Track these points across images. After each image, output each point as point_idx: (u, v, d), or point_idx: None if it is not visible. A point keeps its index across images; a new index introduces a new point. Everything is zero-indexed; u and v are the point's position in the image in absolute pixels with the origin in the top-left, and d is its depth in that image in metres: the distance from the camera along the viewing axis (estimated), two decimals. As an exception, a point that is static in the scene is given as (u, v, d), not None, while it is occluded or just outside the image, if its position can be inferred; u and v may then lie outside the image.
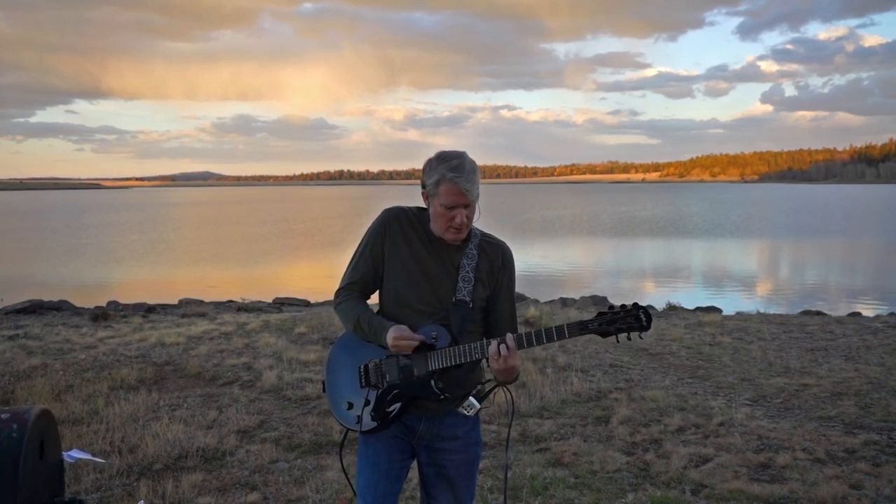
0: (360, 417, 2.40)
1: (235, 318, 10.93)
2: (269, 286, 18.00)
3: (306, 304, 14.19)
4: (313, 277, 20.10)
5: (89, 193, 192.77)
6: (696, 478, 4.29)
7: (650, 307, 12.42)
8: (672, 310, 11.92)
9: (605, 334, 2.24)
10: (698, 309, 12.23)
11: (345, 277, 2.51)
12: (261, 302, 14.16)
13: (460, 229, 2.35)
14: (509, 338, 2.27)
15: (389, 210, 2.46)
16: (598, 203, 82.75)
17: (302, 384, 6.49)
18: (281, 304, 14.05)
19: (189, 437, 4.99)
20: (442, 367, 2.33)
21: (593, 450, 4.80)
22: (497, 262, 2.45)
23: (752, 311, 11.75)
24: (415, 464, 2.54)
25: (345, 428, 2.50)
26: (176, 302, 14.35)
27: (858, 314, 12.05)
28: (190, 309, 12.54)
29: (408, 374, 2.36)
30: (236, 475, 4.48)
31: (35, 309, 12.29)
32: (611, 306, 2.27)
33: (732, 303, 14.57)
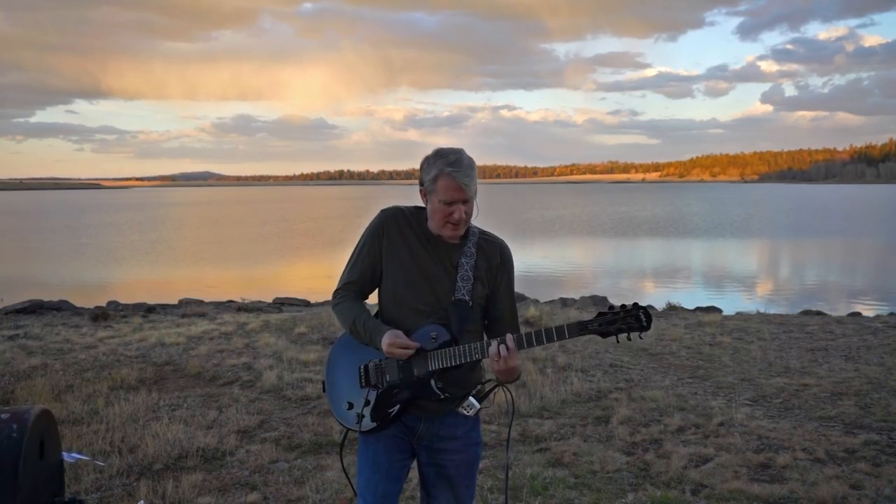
0: (361, 417, 2.39)
1: (235, 318, 10.93)
2: (269, 286, 18.01)
3: (306, 304, 14.19)
4: (313, 277, 20.10)
5: (89, 193, 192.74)
6: (696, 478, 4.29)
7: (650, 307, 12.42)
8: (672, 310, 11.92)
9: (605, 334, 2.24)
10: (698, 309, 12.23)
11: (342, 277, 2.51)
12: (261, 302, 14.16)
13: (458, 225, 2.34)
14: (509, 338, 2.26)
15: (386, 210, 2.46)
16: (598, 203, 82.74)
17: (302, 384, 6.49)
18: (281, 304, 14.05)
19: (189, 437, 4.99)
20: (442, 367, 2.33)
21: (593, 450, 4.80)
22: (495, 259, 2.44)
23: (752, 311, 11.75)
24: (415, 464, 2.54)
25: (345, 428, 2.49)
26: (176, 302, 14.36)
27: (858, 314, 12.05)
28: (190, 309, 12.54)
29: (408, 374, 2.35)
30: (236, 475, 4.48)
31: (35, 309, 12.29)
32: (611, 306, 2.27)
33: (732, 303, 14.57)
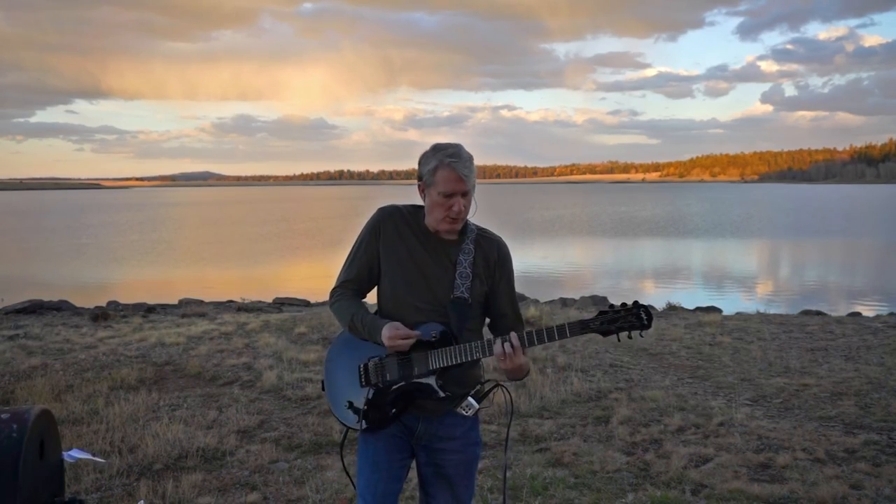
0: (360, 416, 2.39)
1: (235, 318, 10.93)
2: (269, 286, 18.00)
3: (306, 304, 14.19)
4: (313, 277, 20.09)
5: (89, 193, 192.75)
6: (696, 478, 4.29)
7: (650, 307, 12.43)
8: (672, 310, 11.92)
9: (606, 333, 2.25)
10: (698, 309, 12.22)
11: (340, 276, 2.50)
12: (261, 302, 14.16)
13: (457, 219, 2.34)
14: (514, 336, 2.26)
15: (384, 209, 2.45)
16: (598, 203, 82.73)
17: (302, 384, 6.49)
18: (281, 304, 14.05)
19: (189, 437, 4.99)
20: (443, 366, 2.32)
21: (593, 450, 4.80)
22: (493, 255, 2.43)
23: (752, 311, 11.75)
24: (414, 463, 2.54)
25: (345, 427, 2.49)
26: (176, 302, 14.36)
27: (858, 314, 12.05)
28: (190, 309, 12.54)
29: (408, 373, 2.35)
30: (236, 475, 4.48)
31: (35, 309, 12.29)
32: (611, 305, 2.27)
33: (732, 303, 14.57)
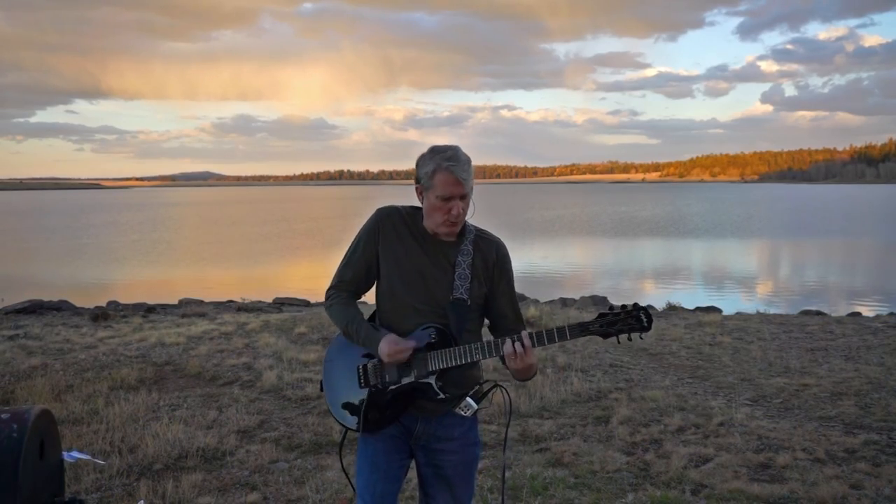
0: (359, 418, 2.38)
1: (235, 318, 10.93)
2: (269, 286, 18.01)
3: (306, 304, 14.19)
4: (313, 277, 20.08)
5: (89, 193, 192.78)
6: (696, 478, 4.29)
7: (650, 307, 12.44)
8: (672, 310, 11.92)
9: (605, 335, 2.24)
10: (698, 309, 12.23)
11: (336, 276, 2.48)
12: (261, 302, 14.16)
13: (456, 222, 2.33)
14: (525, 335, 2.26)
15: (382, 209, 2.44)
16: (598, 203, 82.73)
17: (302, 384, 6.49)
18: (281, 304, 14.05)
19: (189, 437, 4.99)
20: (442, 367, 2.32)
21: (593, 450, 4.80)
22: (491, 256, 2.43)
23: (752, 311, 11.76)
24: (413, 464, 2.53)
25: (344, 428, 2.48)
26: (176, 302, 14.36)
27: (858, 314, 12.05)
28: (190, 309, 12.55)
29: (407, 375, 2.35)
30: (236, 475, 4.48)
31: (35, 309, 12.29)
32: (611, 307, 2.27)
33: (732, 303, 14.57)
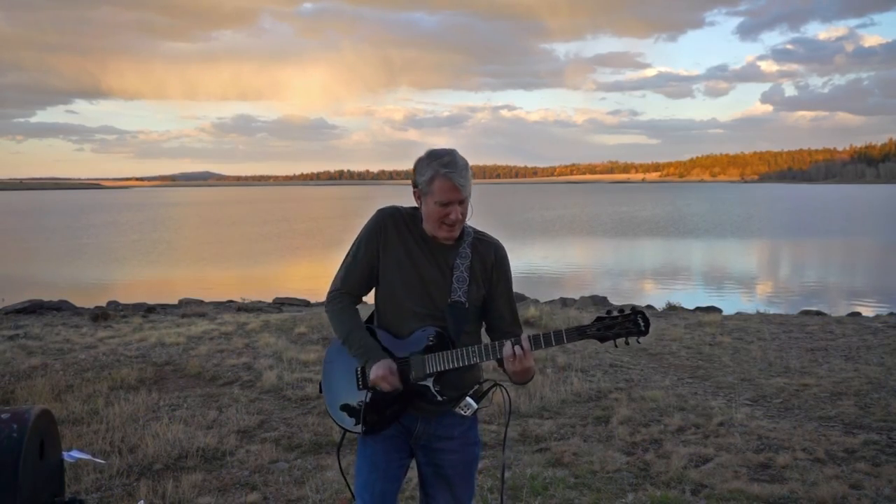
0: (358, 419, 2.39)
1: (235, 318, 10.92)
2: (269, 286, 18.01)
3: (306, 304, 14.19)
4: (313, 277, 20.09)
5: (89, 193, 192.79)
6: (696, 478, 4.29)
7: (650, 307, 12.44)
8: (672, 310, 11.92)
9: (603, 339, 2.25)
10: (698, 309, 12.22)
11: (337, 278, 2.47)
12: (261, 302, 14.16)
13: (454, 226, 2.33)
14: (524, 338, 2.26)
15: (383, 210, 2.44)
16: (598, 203, 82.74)
17: (302, 384, 6.49)
18: (281, 304, 14.05)
19: (189, 437, 4.99)
20: (440, 370, 2.32)
21: (593, 450, 4.80)
22: (490, 259, 2.43)
23: (752, 311, 11.75)
24: (414, 463, 2.54)
25: (343, 429, 2.48)
26: (176, 302, 14.36)
27: (858, 314, 12.05)
28: (190, 309, 12.54)
29: (405, 377, 2.35)
30: (236, 475, 4.48)
31: (35, 309, 12.29)
32: (609, 311, 2.27)
33: (732, 303, 14.57)
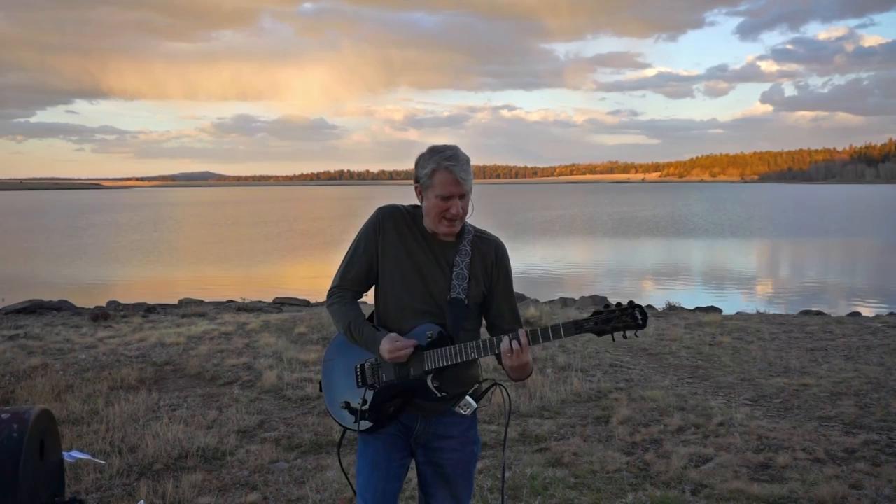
0: (358, 417, 2.39)
1: (235, 318, 10.92)
2: (269, 286, 18.01)
3: (306, 304, 14.19)
4: (313, 277, 20.09)
5: (89, 193, 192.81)
6: (696, 478, 4.29)
7: (650, 307, 12.43)
8: (672, 310, 11.92)
9: (600, 333, 2.24)
10: (698, 309, 12.22)
11: (337, 276, 2.49)
12: (261, 302, 14.16)
13: (455, 221, 2.34)
14: (521, 333, 2.26)
15: (383, 208, 2.45)
16: (598, 203, 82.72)
17: (302, 384, 6.49)
18: (281, 304, 14.05)
19: (189, 437, 4.99)
20: (439, 366, 2.33)
21: (593, 450, 4.80)
22: (490, 257, 2.43)
23: (752, 311, 11.75)
24: (413, 462, 2.54)
25: (343, 428, 2.49)
26: (176, 302, 14.36)
27: (858, 314, 12.05)
28: (190, 309, 12.54)
29: (404, 373, 2.35)
30: (236, 475, 4.48)
31: (35, 309, 12.29)
32: (606, 304, 2.27)
33: (732, 303, 14.57)
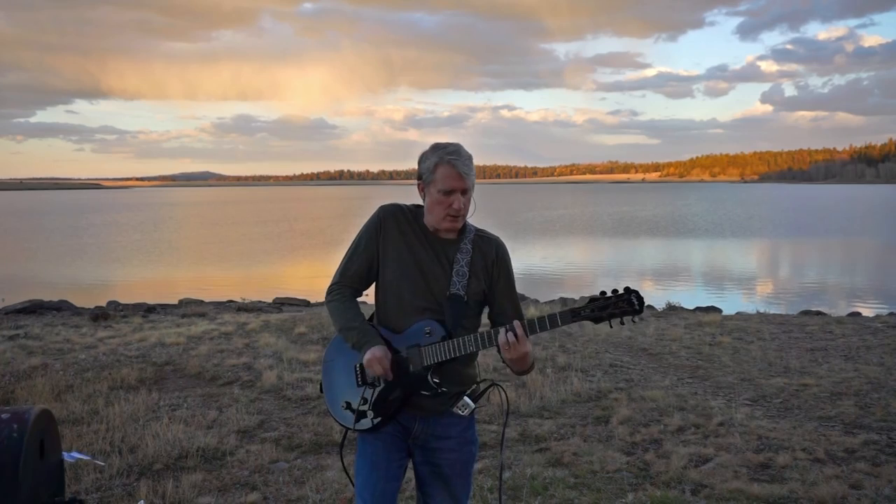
0: (358, 416, 2.40)
1: (235, 318, 10.93)
2: (269, 286, 18.01)
3: (306, 304, 14.19)
4: (313, 277, 20.09)
5: (89, 193, 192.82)
6: (696, 478, 4.29)
7: (650, 307, 12.42)
8: (672, 310, 11.92)
9: (597, 320, 2.25)
10: (698, 309, 12.22)
11: (338, 272, 2.50)
12: (261, 302, 14.16)
13: (457, 217, 2.35)
14: (517, 324, 2.27)
15: (385, 206, 2.47)
16: (598, 203, 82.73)
17: (302, 384, 6.50)
18: (281, 304, 14.05)
19: (189, 437, 4.99)
20: (437, 361, 2.33)
21: (593, 450, 4.80)
22: (491, 255, 2.45)
23: (752, 311, 11.75)
24: (411, 463, 2.54)
25: (344, 427, 2.49)
26: (176, 302, 14.36)
27: (858, 314, 12.05)
28: (190, 309, 12.54)
29: (403, 371, 2.36)
30: (236, 475, 4.48)
31: (35, 309, 12.29)
32: (602, 292, 2.27)
33: (732, 303, 14.57)
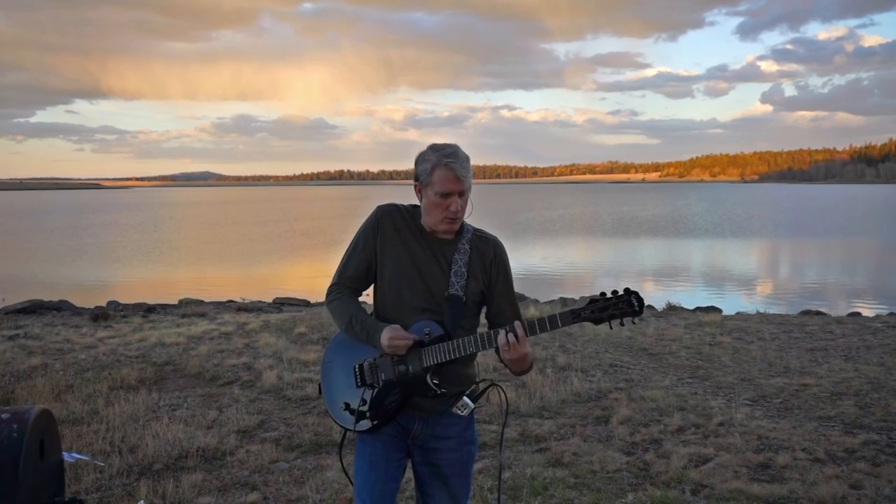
0: (357, 417, 2.39)
1: (235, 318, 10.93)
2: (269, 286, 18.01)
3: (306, 304, 14.19)
4: (313, 277, 20.09)
5: (89, 193, 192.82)
6: (696, 478, 4.29)
7: (650, 307, 12.42)
8: (672, 310, 11.92)
9: (597, 321, 2.25)
10: (698, 309, 12.21)
11: (336, 273, 2.50)
12: (261, 302, 14.16)
13: (455, 219, 2.35)
14: (517, 325, 2.27)
15: (383, 207, 2.47)
16: (598, 203, 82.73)
17: (302, 384, 6.50)
18: (281, 304, 14.05)
19: (189, 437, 4.99)
20: (437, 362, 2.33)
21: (593, 450, 4.80)
22: (489, 255, 2.45)
23: (752, 311, 11.75)
24: (410, 463, 2.54)
25: (343, 428, 2.49)
26: (176, 302, 14.35)
27: (858, 314, 12.04)
28: (190, 309, 12.54)
29: (403, 371, 2.36)
30: (236, 475, 4.48)
31: (35, 309, 12.29)
32: (602, 293, 2.28)
33: (732, 303, 14.57)
